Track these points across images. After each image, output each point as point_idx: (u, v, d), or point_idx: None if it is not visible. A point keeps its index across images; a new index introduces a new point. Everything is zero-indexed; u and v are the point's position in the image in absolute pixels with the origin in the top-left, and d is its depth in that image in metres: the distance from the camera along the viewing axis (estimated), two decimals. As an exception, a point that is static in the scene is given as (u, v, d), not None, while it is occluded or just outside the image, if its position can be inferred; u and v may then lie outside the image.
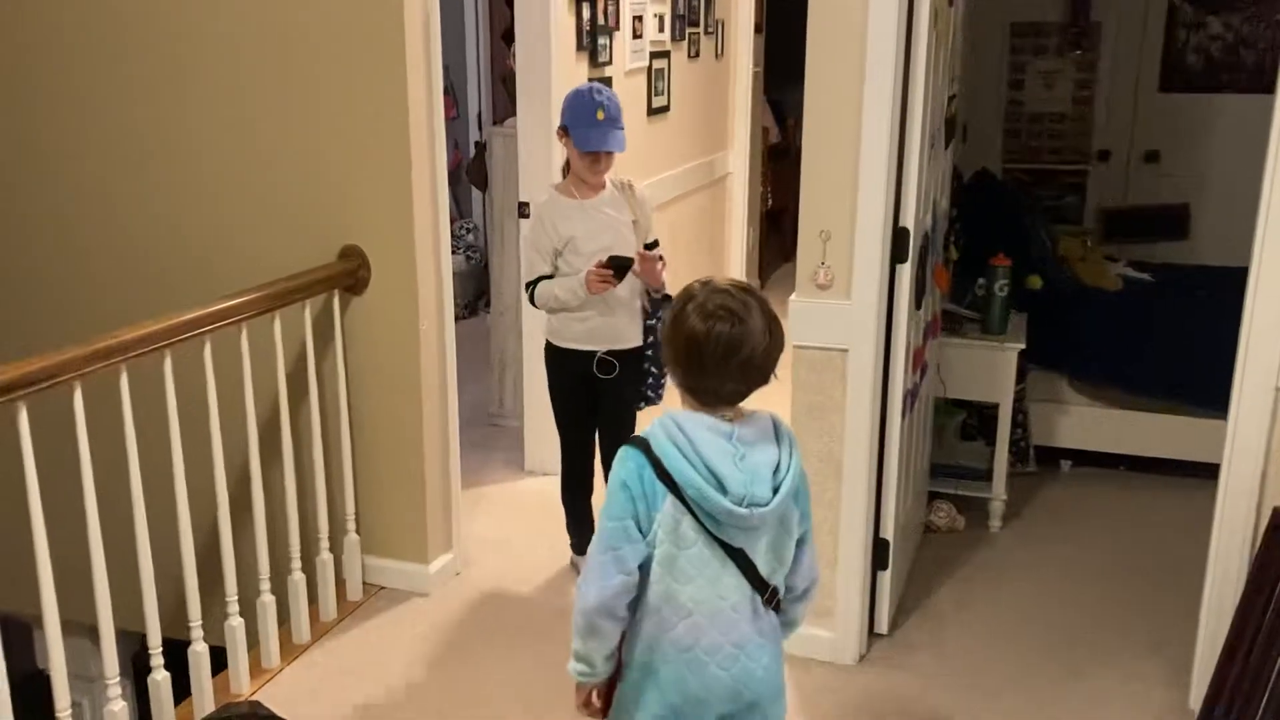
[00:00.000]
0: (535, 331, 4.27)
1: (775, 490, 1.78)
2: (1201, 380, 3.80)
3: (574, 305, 3.19)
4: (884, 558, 3.15)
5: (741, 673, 1.83)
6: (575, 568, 3.60)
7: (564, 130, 3.17)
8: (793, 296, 2.95)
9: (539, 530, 3.95)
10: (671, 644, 1.82)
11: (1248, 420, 2.66)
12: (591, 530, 3.21)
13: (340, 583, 3.39)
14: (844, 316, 2.90)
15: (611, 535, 1.79)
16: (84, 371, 2.44)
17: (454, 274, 3.90)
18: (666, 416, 1.81)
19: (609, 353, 3.25)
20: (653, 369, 3.31)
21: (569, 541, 3.65)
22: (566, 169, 3.29)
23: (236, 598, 2.95)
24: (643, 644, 1.85)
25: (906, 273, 2.96)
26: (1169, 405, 4.14)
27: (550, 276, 3.23)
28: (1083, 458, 4.38)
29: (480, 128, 6.96)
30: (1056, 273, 4.41)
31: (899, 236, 2.92)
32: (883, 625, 3.22)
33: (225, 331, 2.86)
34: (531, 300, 3.28)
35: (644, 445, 1.78)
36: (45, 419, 2.39)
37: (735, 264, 6.53)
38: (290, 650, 3.16)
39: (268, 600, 3.06)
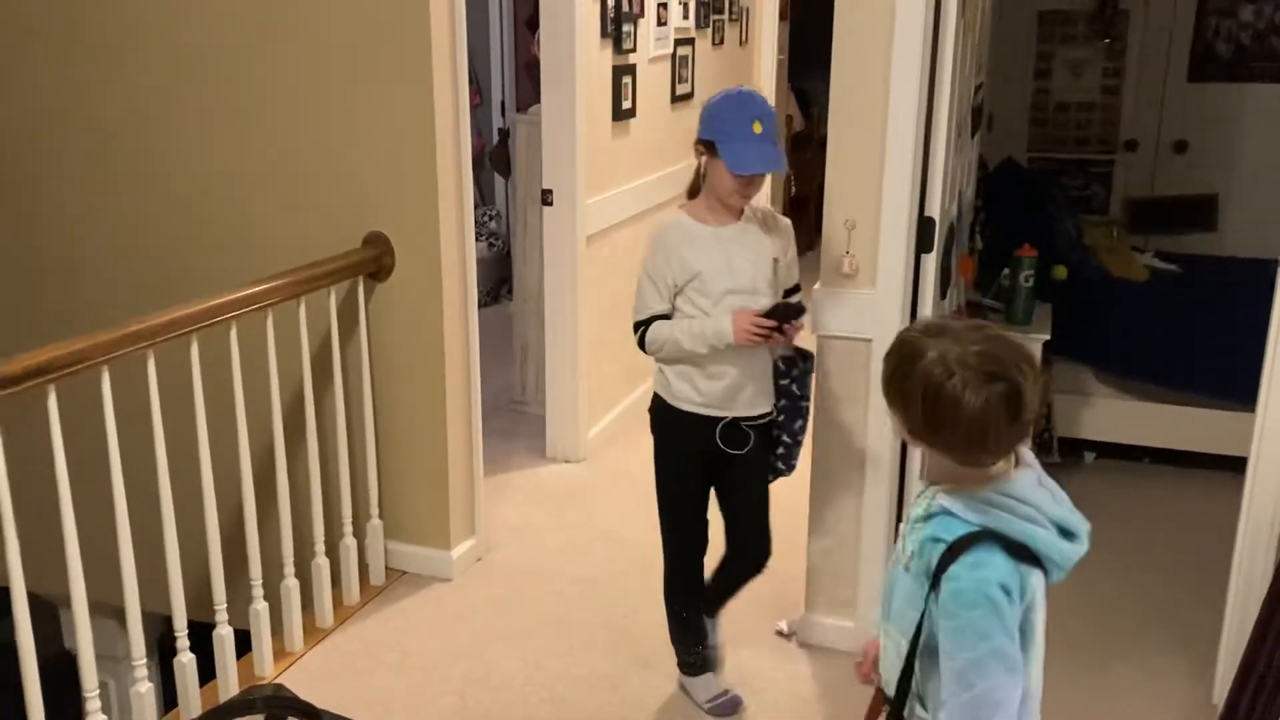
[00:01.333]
0: (557, 320, 4.28)
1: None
2: (1228, 372, 3.77)
3: (701, 353, 2.58)
4: (906, 548, 3.14)
5: None
6: (687, 691, 2.93)
7: (708, 146, 2.55)
8: (817, 285, 2.94)
9: (561, 517, 3.97)
10: None
11: (1276, 413, 2.64)
12: (703, 642, 2.86)
13: (363, 567, 3.41)
14: (868, 306, 2.88)
15: (1011, 655, 1.48)
16: (112, 356, 2.46)
17: (477, 261, 3.90)
18: (980, 498, 1.51)
19: (739, 420, 2.64)
20: (784, 436, 2.73)
21: (676, 660, 2.92)
22: (693, 189, 2.68)
23: (261, 581, 2.97)
24: None
25: (931, 262, 2.94)
26: (1195, 397, 4.10)
27: (666, 316, 2.63)
28: (1107, 449, 4.35)
29: (504, 115, 6.97)
30: (1082, 263, 4.38)
31: (924, 226, 2.90)
32: (904, 616, 3.21)
33: (251, 317, 2.87)
34: (641, 344, 2.66)
35: (992, 535, 1.49)
36: (74, 403, 2.41)
37: (758, 253, 6.51)
38: (314, 634, 3.18)
39: (291, 584, 3.08)
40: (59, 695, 2.56)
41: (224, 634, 2.86)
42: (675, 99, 4.92)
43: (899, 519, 3.11)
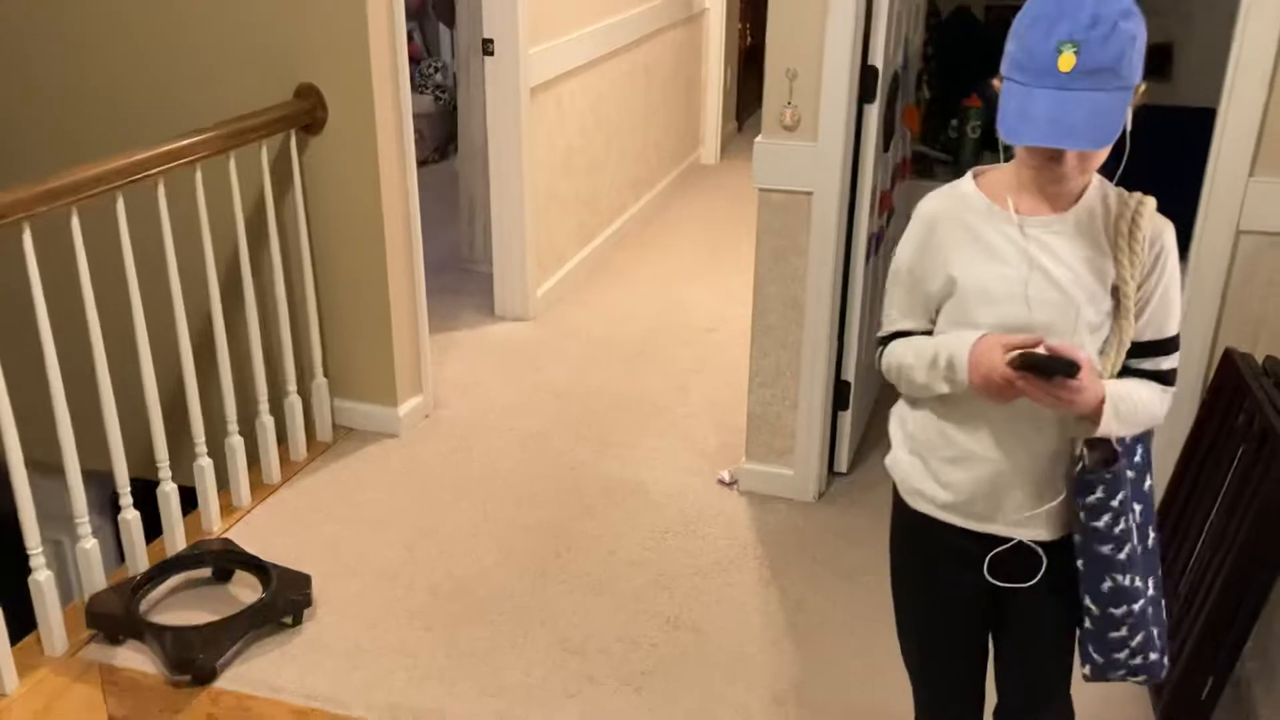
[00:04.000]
0: (503, 176, 4.20)
1: None
2: (1175, 222, 3.79)
3: (937, 391, 1.61)
4: (845, 399, 3.20)
5: None
6: None
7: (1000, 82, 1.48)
8: (758, 138, 2.90)
9: (508, 374, 3.99)
10: None
11: (1207, 262, 2.67)
12: None
13: (310, 425, 3.43)
14: (809, 158, 2.86)
15: None
16: (33, 212, 2.39)
17: (423, 115, 3.82)
18: None
19: (1028, 541, 1.62)
20: (1086, 599, 1.61)
21: None
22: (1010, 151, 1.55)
23: (204, 440, 2.98)
24: None
25: (874, 113, 2.91)
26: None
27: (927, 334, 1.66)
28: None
29: (448, -39, 6.69)
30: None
31: (867, 75, 2.86)
32: (842, 464, 3.29)
33: (179, 172, 2.80)
34: (879, 366, 1.79)
35: None
36: (2, 262, 2.37)
37: (712, 104, 6.41)
38: (261, 490, 3.21)
39: (236, 442, 3.09)
40: (8, 555, 2.58)
41: (168, 490, 2.87)
42: (622, -57, 4.75)
43: (838, 370, 3.16)
